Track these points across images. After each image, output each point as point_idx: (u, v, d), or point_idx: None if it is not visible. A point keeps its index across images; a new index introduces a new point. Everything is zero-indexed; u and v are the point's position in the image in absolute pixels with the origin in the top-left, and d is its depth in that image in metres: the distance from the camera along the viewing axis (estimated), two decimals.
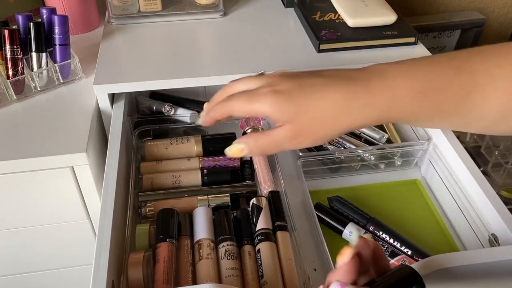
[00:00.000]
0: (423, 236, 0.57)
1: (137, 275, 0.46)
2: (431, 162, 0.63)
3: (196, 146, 0.63)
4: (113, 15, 0.78)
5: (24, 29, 0.65)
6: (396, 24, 0.72)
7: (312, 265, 0.54)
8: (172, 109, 0.70)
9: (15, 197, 0.62)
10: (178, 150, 0.63)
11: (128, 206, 0.54)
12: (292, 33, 0.75)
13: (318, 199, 0.59)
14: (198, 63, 0.68)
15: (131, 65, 0.67)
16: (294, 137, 0.44)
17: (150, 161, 0.62)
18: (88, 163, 0.59)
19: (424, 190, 0.64)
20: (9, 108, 0.65)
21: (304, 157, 0.61)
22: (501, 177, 0.83)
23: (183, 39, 0.74)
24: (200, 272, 0.47)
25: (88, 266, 0.73)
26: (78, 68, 0.69)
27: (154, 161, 0.62)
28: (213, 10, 0.80)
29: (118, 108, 0.65)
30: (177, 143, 0.63)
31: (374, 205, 0.61)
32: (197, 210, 0.54)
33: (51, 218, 0.66)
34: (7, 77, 0.64)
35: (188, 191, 0.58)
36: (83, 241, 0.69)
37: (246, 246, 0.51)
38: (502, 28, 1.24)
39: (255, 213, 0.53)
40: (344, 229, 0.55)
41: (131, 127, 0.68)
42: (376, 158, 0.65)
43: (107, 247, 0.45)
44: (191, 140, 0.63)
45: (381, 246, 0.40)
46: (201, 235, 0.50)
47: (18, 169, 0.58)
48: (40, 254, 0.71)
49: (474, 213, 0.53)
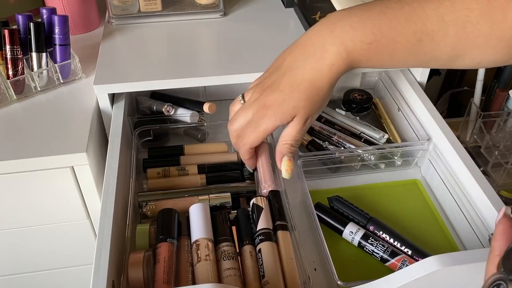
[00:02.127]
0: (423, 236, 0.57)
1: (137, 275, 0.46)
2: (431, 162, 0.63)
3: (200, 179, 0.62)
4: (113, 15, 0.78)
5: (24, 29, 0.65)
6: None
7: (312, 265, 0.54)
8: (172, 109, 0.70)
9: (15, 197, 0.62)
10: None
11: (128, 206, 0.54)
12: (292, 33, 0.75)
13: (318, 199, 0.59)
14: (198, 63, 0.68)
15: (131, 65, 0.67)
16: (303, 122, 0.50)
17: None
18: (88, 163, 0.59)
19: (424, 190, 0.64)
20: (9, 108, 0.65)
21: (304, 157, 0.61)
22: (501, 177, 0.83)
23: (183, 39, 0.74)
24: (198, 274, 0.47)
25: (88, 266, 0.73)
26: (78, 68, 0.69)
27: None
28: (213, 10, 0.80)
29: (118, 108, 0.65)
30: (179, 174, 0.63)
31: (374, 205, 0.61)
32: (192, 208, 0.53)
33: (51, 218, 0.66)
34: (7, 77, 0.64)
35: (188, 191, 0.58)
36: (83, 241, 0.69)
37: (246, 246, 0.51)
38: None
39: (256, 213, 0.53)
40: (344, 229, 0.55)
41: (131, 127, 0.68)
42: (376, 158, 0.65)
43: (107, 247, 0.45)
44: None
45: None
46: (198, 235, 0.50)
47: (18, 169, 0.58)
48: (40, 254, 0.71)
49: (474, 213, 0.54)
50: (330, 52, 0.48)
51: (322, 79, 0.49)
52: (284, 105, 0.49)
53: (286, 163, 0.51)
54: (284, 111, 0.49)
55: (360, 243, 0.54)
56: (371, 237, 0.54)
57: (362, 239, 0.54)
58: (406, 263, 0.52)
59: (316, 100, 0.50)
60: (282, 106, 0.49)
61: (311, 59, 0.49)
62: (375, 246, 0.53)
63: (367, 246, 0.54)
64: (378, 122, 0.76)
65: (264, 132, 0.51)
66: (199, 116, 0.70)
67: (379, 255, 0.53)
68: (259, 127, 0.50)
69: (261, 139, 0.52)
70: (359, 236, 0.55)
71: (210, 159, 0.65)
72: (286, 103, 0.49)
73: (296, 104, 0.49)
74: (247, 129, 0.51)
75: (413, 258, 0.52)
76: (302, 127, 0.51)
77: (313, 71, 0.49)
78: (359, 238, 0.54)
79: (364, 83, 0.84)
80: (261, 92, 0.50)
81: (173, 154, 0.66)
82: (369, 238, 0.54)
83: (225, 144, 0.67)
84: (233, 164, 0.64)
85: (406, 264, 0.52)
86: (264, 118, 0.50)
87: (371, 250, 0.54)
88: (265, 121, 0.50)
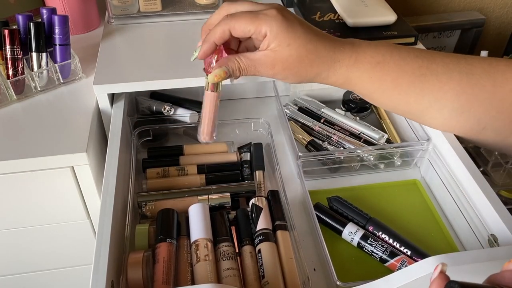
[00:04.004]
0: (422, 237, 0.57)
1: (136, 275, 0.46)
2: (431, 162, 0.63)
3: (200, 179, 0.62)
4: (113, 15, 0.78)
5: (24, 29, 0.65)
6: (396, 24, 0.72)
7: (311, 265, 0.54)
8: (172, 109, 0.70)
9: (15, 197, 0.62)
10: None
11: (127, 206, 0.54)
12: None
13: (318, 199, 0.59)
14: (198, 63, 0.68)
15: (131, 65, 0.67)
16: (272, 66, 0.50)
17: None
18: (88, 163, 0.59)
19: (424, 190, 0.64)
20: (9, 108, 0.65)
21: (304, 157, 0.62)
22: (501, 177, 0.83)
23: (183, 39, 0.74)
24: (198, 274, 0.47)
25: (88, 266, 0.73)
26: (78, 68, 0.69)
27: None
28: (213, 10, 0.79)
29: (118, 108, 0.65)
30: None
31: (374, 205, 0.61)
32: (192, 208, 0.53)
33: (51, 218, 0.66)
34: (7, 77, 0.64)
35: (188, 191, 0.58)
36: (83, 241, 0.70)
37: (246, 246, 0.51)
38: (502, 28, 1.24)
39: (255, 213, 0.53)
40: (344, 229, 0.55)
41: (131, 127, 0.68)
42: (376, 158, 0.65)
43: (106, 247, 0.45)
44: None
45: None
46: (197, 235, 0.50)
47: (18, 169, 0.58)
48: (40, 254, 0.71)
49: (474, 214, 0.53)
50: (345, 50, 0.51)
51: (321, 61, 0.50)
52: (290, 33, 0.49)
53: (219, 72, 0.50)
54: (283, 34, 0.48)
55: (360, 243, 0.55)
56: (371, 238, 0.54)
57: (361, 239, 0.54)
58: (406, 263, 0.52)
59: (298, 66, 0.50)
60: (288, 31, 0.48)
61: (334, 41, 0.51)
62: (374, 247, 0.54)
63: (367, 247, 0.54)
64: (378, 122, 0.76)
65: (256, 29, 0.49)
66: (198, 116, 0.70)
67: (378, 255, 0.53)
68: (257, 20, 0.49)
69: (246, 33, 0.49)
70: (359, 237, 0.55)
71: (209, 159, 0.65)
72: (291, 34, 0.49)
73: (292, 47, 0.49)
74: (246, 14, 0.50)
75: (412, 258, 0.52)
76: (264, 63, 0.50)
77: (324, 49, 0.50)
78: (359, 238, 0.54)
79: None
80: (287, 10, 0.51)
81: (172, 154, 0.66)
82: (369, 238, 0.54)
83: (224, 144, 0.68)
84: (232, 164, 0.64)
85: (405, 265, 0.52)
86: (271, 19, 0.48)
87: (371, 250, 0.54)
88: (268, 21, 0.49)
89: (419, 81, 0.51)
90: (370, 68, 0.51)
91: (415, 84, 0.51)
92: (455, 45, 1.15)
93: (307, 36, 0.49)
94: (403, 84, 0.51)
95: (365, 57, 0.51)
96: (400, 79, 0.51)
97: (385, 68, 0.51)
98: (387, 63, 0.51)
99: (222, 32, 0.50)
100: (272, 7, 0.50)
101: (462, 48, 1.15)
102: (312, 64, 0.50)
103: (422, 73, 0.51)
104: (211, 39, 0.50)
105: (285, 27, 0.49)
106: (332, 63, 0.51)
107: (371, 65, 0.51)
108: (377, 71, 0.51)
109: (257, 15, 0.49)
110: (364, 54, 0.51)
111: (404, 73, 0.51)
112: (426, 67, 0.51)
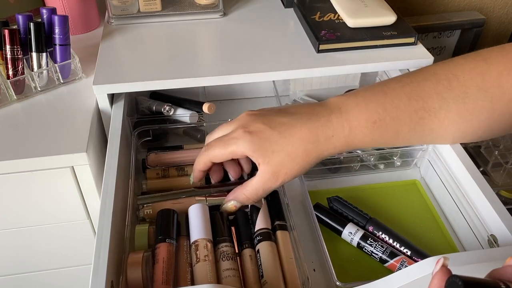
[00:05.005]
0: (422, 237, 0.57)
1: (136, 275, 0.46)
2: (431, 163, 0.63)
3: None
4: (113, 15, 0.78)
5: (24, 29, 0.65)
6: (396, 24, 0.72)
7: (311, 265, 0.54)
8: (171, 109, 0.70)
9: (15, 197, 0.62)
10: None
11: (127, 206, 0.54)
12: (292, 34, 0.75)
13: (318, 199, 0.59)
14: (198, 63, 0.68)
15: (131, 65, 0.67)
16: (275, 178, 0.48)
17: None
18: (88, 163, 0.59)
19: (424, 191, 0.64)
20: (9, 108, 0.65)
21: None
22: (501, 177, 0.83)
23: (183, 39, 0.74)
24: (197, 275, 0.47)
25: (87, 266, 0.73)
26: (78, 68, 0.69)
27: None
28: (213, 10, 0.80)
29: (117, 108, 0.65)
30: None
31: (374, 206, 0.61)
32: (191, 208, 0.53)
33: (51, 218, 0.66)
34: (7, 77, 0.64)
35: (187, 191, 0.58)
36: (83, 241, 0.70)
37: (246, 249, 0.50)
38: (502, 28, 1.24)
39: (254, 213, 0.53)
40: (344, 229, 0.55)
41: (130, 127, 0.68)
42: (376, 159, 0.65)
43: (106, 247, 0.45)
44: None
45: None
46: (197, 235, 0.50)
47: (18, 169, 0.58)
48: (40, 254, 0.71)
49: (473, 214, 0.53)
50: (334, 122, 0.47)
51: (314, 146, 0.47)
52: (265, 142, 0.46)
53: (229, 206, 0.52)
54: (260, 147, 0.46)
55: (359, 243, 0.55)
56: (370, 238, 0.54)
57: (361, 239, 0.54)
58: (405, 263, 0.52)
59: (296, 162, 0.47)
60: (263, 142, 0.46)
61: (314, 119, 0.47)
62: (374, 247, 0.54)
63: (366, 247, 0.54)
64: None
65: (231, 154, 0.48)
66: (198, 116, 0.70)
67: (378, 255, 0.53)
68: (228, 146, 0.47)
69: (224, 158, 0.49)
70: (358, 237, 0.55)
71: None
72: (268, 142, 0.46)
73: (276, 151, 0.46)
74: (218, 142, 0.49)
75: (412, 259, 0.52)
76: (267, 181, 0.48)
77: (309, 134, 0.47)
78: (358, 238, 0.54)
79: (364, 83, 0.84)
80: (253, 117, 0.48)
81: None
82: (368, 238, 0.54)
83: None
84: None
85: (405, 265, 0.52)
86: (239, 140, 0.47)
87: (370, 250, 0.54)
88: (237, 143, 0.47)
89: (419, 126, 0.49)
90: (369, 132, 0.48)
91: (416, 129, 0.49)
92: (455, 45, 1.15)
93: (286, 132, 0.47)
94: (404, 132, 0.49)
95: (359, 122, 0.48)
96: (400, 130, 0.49)
97: (383, 126, 0.48)
98: (383, 120, 0.48)
99: (204, 164, 0.52)
100: (238, 124, 0.48)
101: (462, 48, 1.15)
102: (309, 154, 0.48)
103: (420, 116, 0.48)
104: (197, 168, 0.53)
105: (258, 141, 0.46)
106: (327, 141, 0.48)
107: (368, 129, 0.48)
108: (376, 131, 0.48)
109: (228, 140, 0.48)
110: (357, 119, 0.48)
111: (402, 123, 0.49)
112: (423, 108, 0.48)
